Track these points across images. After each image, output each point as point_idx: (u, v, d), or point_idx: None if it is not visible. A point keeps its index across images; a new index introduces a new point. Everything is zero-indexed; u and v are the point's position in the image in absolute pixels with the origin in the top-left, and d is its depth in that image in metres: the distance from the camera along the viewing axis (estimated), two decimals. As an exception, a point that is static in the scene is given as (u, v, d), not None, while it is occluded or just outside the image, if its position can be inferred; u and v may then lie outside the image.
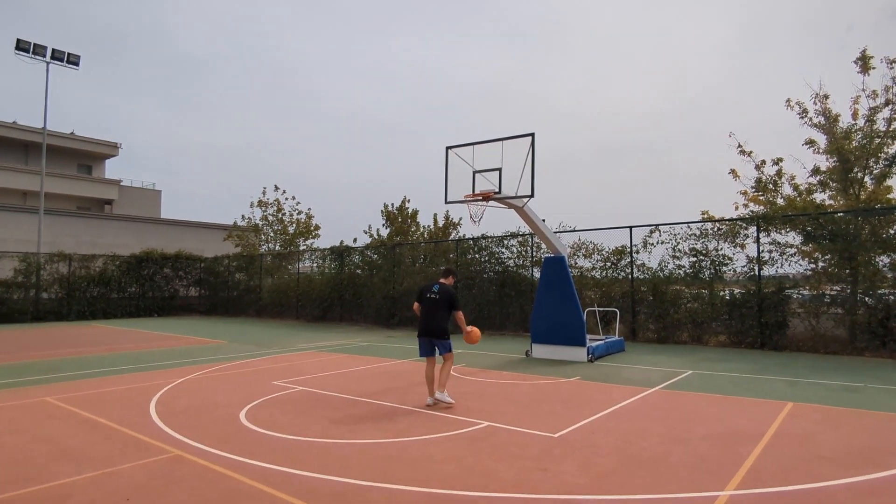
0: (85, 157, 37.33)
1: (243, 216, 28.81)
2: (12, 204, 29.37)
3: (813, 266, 12.46)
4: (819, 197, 13.37)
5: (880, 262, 11.22)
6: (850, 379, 8.30)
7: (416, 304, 6.84)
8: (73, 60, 24.45)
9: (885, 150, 12.20)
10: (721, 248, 13.02)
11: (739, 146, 14.03)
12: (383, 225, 25.72)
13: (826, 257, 12.29)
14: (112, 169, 48.68)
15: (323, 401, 6.99)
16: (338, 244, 21.49)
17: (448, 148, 9.61)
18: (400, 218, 25.05)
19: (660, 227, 13.92)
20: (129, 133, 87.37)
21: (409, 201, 25.71)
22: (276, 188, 28.35)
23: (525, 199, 9.06)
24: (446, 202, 9.59)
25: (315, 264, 22.49)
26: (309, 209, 28.41)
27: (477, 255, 17.31)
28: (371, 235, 24.95)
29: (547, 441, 5.12)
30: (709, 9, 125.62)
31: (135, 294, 24.54)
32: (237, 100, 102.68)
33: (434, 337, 6.60)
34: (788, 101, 13.50)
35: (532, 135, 8.64)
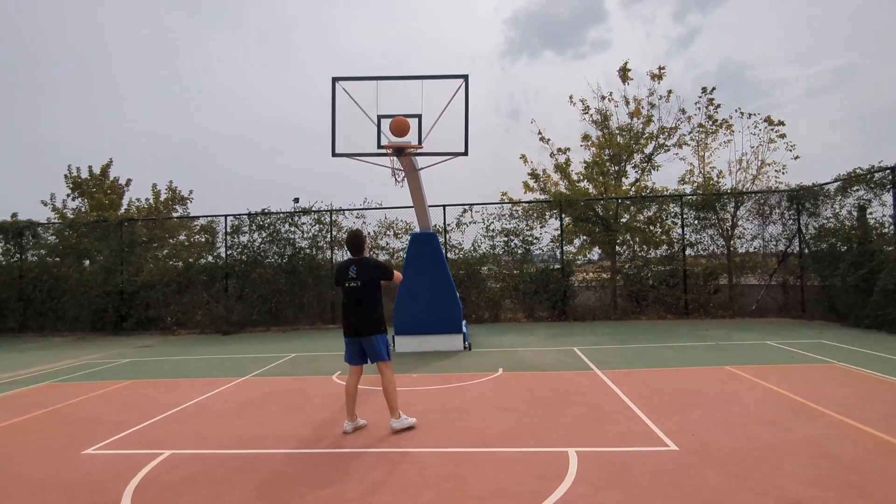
0: None
1: None
2: None
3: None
4: (587, 186, 15.27)
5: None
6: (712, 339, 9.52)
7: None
8: None
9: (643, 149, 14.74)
10: (532, 228, 13.70)
11: (539, 133, 14.98)
12: (69, 196, 18.59)
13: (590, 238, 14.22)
14: None
15: None
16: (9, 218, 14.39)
17: (335, 79, 7.00)
18: (105, 187, 18.48)
19: (472, 207, 13.75)
20: None
21: (111, 166, 19.23)
22: None
23: (446, 158, 7.30)
24: (334, 154, 7.00)
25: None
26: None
27: (255, 236, 13.94)
28: (55, 209, 17.71)
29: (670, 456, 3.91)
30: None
31: None
32: None
33: (364, 335, 4.78)
34: (571, 98, 15.04)
35: (465, 77, 6.93)
